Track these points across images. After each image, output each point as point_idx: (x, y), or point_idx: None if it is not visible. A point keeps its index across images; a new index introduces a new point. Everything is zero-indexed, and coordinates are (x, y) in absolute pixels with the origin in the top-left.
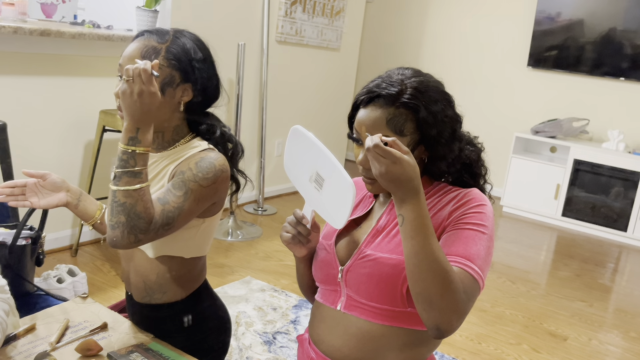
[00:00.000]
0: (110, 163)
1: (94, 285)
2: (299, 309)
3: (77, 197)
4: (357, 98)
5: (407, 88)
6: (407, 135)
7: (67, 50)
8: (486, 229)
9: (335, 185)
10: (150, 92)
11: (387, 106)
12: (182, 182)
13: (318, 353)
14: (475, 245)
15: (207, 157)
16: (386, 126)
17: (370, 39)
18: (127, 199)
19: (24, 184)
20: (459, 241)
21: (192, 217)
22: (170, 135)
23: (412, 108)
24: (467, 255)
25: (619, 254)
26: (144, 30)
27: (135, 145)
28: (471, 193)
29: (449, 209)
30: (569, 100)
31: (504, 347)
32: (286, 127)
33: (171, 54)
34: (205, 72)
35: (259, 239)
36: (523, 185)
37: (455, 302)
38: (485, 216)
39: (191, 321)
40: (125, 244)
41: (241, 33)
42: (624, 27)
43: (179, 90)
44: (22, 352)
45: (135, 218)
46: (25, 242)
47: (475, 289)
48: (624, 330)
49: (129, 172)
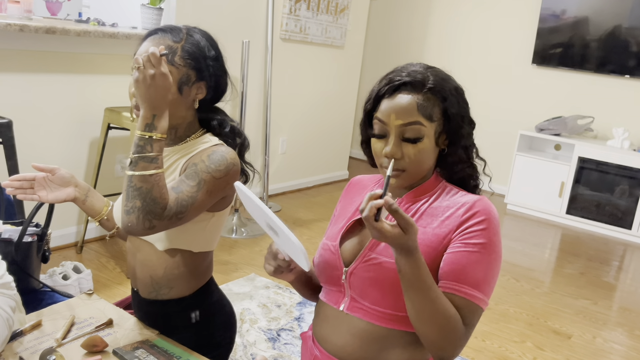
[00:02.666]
0: (115, 160)
1: (99, 282)
2: (303, 306)
3: (85, 192)
4: (378, 90)
5: (429, 76)
6: (435, 121)
7: (73, 48)
8: (493, 247)
9: (285, 241)
10: (161, 74)
11: (415, 92)
12: (195, 173)
13: (322, 351)
14: (482, 271)
15: (219, 150)
16: (417, 111)
17: (374, 36)
18: (144, 184)
19: (33, 177)
20: (467, 267)
21: (203, 208)
22: (183, 131)
23: (439, 92)
24: (474, 283)
25: (623, 252)
26: (156, 29)
27: (151, 131)
28: (478, 204)
29: (457, 220)
30: (574, 97)
31: (508, 345)
32: (291, 125)
33: (187, 52)
34: (218, 69)
35: (263, 236)
36: (527, 183)
37: (455, 339)
38: (492, 232)
39: (198, 317)
40: (140, 229)
41: (245, 31)
42: (630, 24)
43: (194, 89)
44: (28, 348)
45: (151, 203)
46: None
47: (478, 314)
48: (628, 328)
49: (145, 158)
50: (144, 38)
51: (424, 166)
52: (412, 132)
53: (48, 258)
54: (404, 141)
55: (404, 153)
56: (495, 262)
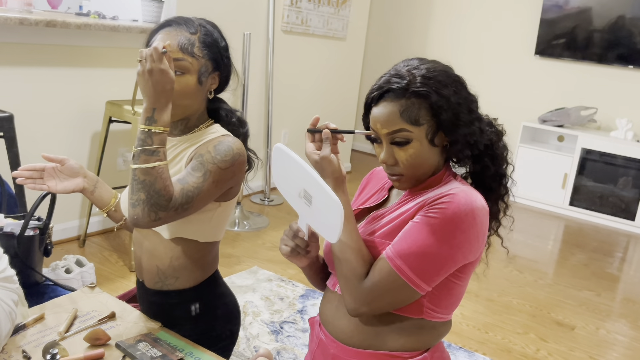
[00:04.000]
0: (117, 154)
1: (102, 276)
2: (306, 298)
3: (93, 183)
4: (367, 98)
5: (415, 77)
6: (424, 123)
7: (73, 41)
8: (442, 229)
9: (323, 203)
10: (159, 69)
11: (397, 99)
12: (201, 164)
13: (326, 334)
14: (412, 242)
15: (225, 141)
16: (400, 118)
17: (376, 28)
18: (146, 177)
19: (43, 168)
20: (403, 233)
21: (210, 199)
22: (194, 121)
23: (423, 95)
24: (398, 247)
25: (626, 243)
26: (169, 21)
27: (151, 124)
28: (459, 193)
29: (430, 200)
30: (577, 88)
31: (511, 337)
32: (292, 118)
33: (203, 44)
34: (229, 59)
35: (265, 229)
36: (530, 175)
37: (357, 293)
38: (450, 216)
39: (202, 309)
40: (146, 221)
41: (246, 23)
42: (633, 14)
43: (210, 79)
44: (32, 341)
45: (155, 195)
46: (34, 233)
47: (396, 283)
48: (631, 319)
49: (146, 151)
50: (155, 30)
51: (422, 168)
52: (399, 138)
53: (50, 251)
54: (395, 146)
55: (396, 159)
56: (437, 243)
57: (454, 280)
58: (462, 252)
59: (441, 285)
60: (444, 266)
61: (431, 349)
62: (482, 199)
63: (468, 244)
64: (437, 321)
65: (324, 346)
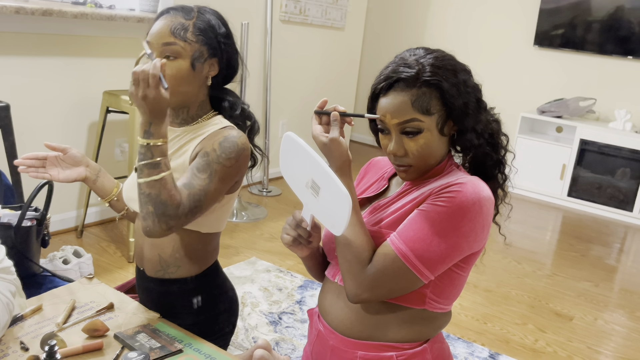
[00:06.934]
0: (114, 144)
1: (100, 267)
2: (305, 289)
3: (96, 172)
4: (375, 87)
5: (424, 66)
6: (435, 113)
7: (70, 31)
8: (449, 217)
9: (331, 195)
10: (153, 97)
11: (408, 88)
12: (207, 164)
13: (325, 325)
14: (419, 229)
15: (230, 135)
16: (412, 108)
17: (374, 18)
18: (151, 190)
19: (45, 156)
20: (409, 220)
21: (219, 196)
22: (195, 110)
23: (434, 85)
24: (404, 234)
25: (624, 234)
26: (168, 8)
27: (149, 138)
28: (467, 182)
29: (436, 190)
30: (576, 79)
31: (510, 327)
32: (291, 108)
33: (198, 29)
34: (229, 46)
35: (264, 220)
36: (529, 166)
37: (362, 277)
38: (458, 205)
39: (202, 300)
40: (158, 232)
41: (244, 12)
42: (632, 5)
43: (207, 65)
44: (29, 332)
45: (162, 206)
46: (31, 224)
47: (400, 270)
48: (629, 310)
49: (148, 164)
50: (155, 18)
51: (431, 158)
52: (410, 128)
53: (48, 242)
54: (405, 136)
55: (406, 150)
56: (443, 231)
57: (457, 271)
58: (467, 241)
59: (444, 276)
60: (449, 254)
61: (431, 340)
62: (488, 190)
63: (474, 233)
64: (438, 312)
65: (323, 338)
